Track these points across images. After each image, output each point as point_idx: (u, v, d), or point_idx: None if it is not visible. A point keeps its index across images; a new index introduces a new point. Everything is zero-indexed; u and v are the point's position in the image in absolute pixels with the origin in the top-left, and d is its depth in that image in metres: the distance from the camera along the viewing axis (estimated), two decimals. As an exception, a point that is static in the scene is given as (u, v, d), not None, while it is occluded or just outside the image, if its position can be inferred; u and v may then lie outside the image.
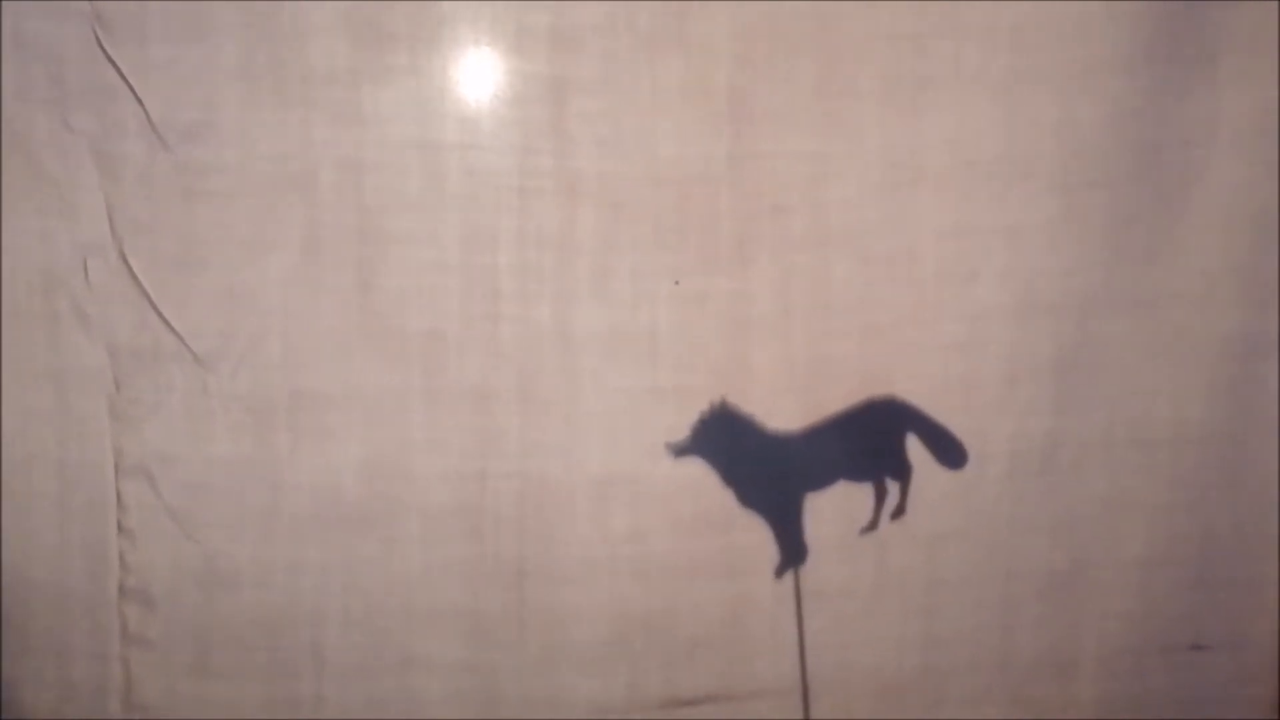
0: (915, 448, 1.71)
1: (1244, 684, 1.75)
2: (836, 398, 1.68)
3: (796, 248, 1.65)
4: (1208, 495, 1.73)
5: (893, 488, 1.71)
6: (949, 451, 1.70)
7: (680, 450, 1.67)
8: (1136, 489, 1.72)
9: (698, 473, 1.68)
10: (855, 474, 1.71)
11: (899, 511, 1.71)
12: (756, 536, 1.70)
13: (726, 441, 1.68)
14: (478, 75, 1.59)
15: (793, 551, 1.71)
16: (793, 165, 1.63)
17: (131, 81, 1.52)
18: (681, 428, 1.66)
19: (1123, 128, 1.63)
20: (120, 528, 1.60)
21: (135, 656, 1.62)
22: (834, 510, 1.71)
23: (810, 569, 1.71)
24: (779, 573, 1.71)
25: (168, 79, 1.52)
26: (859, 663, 1.73)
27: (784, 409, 1.67)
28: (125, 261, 1.56)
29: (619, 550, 1.68)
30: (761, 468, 1.69)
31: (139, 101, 1.52)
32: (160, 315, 1.57)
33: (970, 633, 1.74)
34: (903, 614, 1.73)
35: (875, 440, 1.71)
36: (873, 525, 1.72)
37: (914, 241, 1.66)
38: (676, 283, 1.64)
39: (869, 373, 1.68)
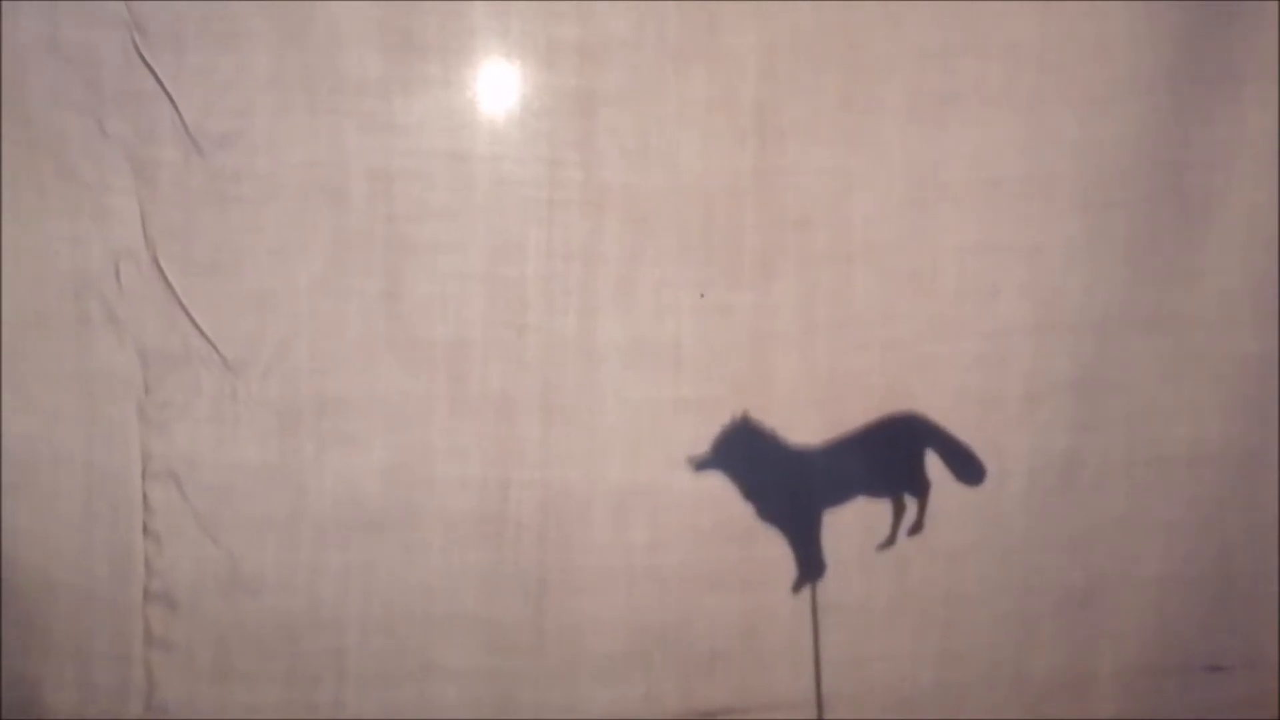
0: (934, 464, 1.71)
1: (1259, 705, 1.75)
2: (858, 411, 1.69)
3: (820, 262, 1.67)
4: (1225, 514, 1.74)
5: (911, 504, 1.72)
6: (967, 468, 1.70)
7: (701, 464, 1.67)
8: (1154, 507, 1.73)
9: (718, 484, 1.69)
10: (874, 490, 1.72)
11: (917, 527, 1.72)
12: (775, 549, 1.71)
13: (747, 456, 1.68)
14: (507, 87, 1.60)
15: (810, 566, 1.71)
16: (817, 180, 1.65)
17: (167, 88, 1.54)
18: (703, 439, 1.67)
19: (1145, 149, 1.65)
20: (146, 530, 1.61)
21: (157, 659, 1.63)
22: (854, 525, 1.72)
23: (829, 583, 1.72)
24: (796, 587, 1.71)
25: (203, 86, 1.54)
26: (876, 677, 1.74)
27: (805, 422, 1.68)
28: (157, 266, 1.57)
29: (638, 560, 1.69)
30: (781, 482, 1.70)
31: (174, 108, 1.54)
32: (191, 319, 1.58)
33: (987, 649, 1.75)
34: (920, 629, 1.74)
35: (894, 456, 1.71)
36: (890, 541, 1.72)
37: (936, 257, 1.67)
38: (701, 295, 1.65)
39: (890, 387, 1.69)
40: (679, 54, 1.61)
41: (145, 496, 1.61)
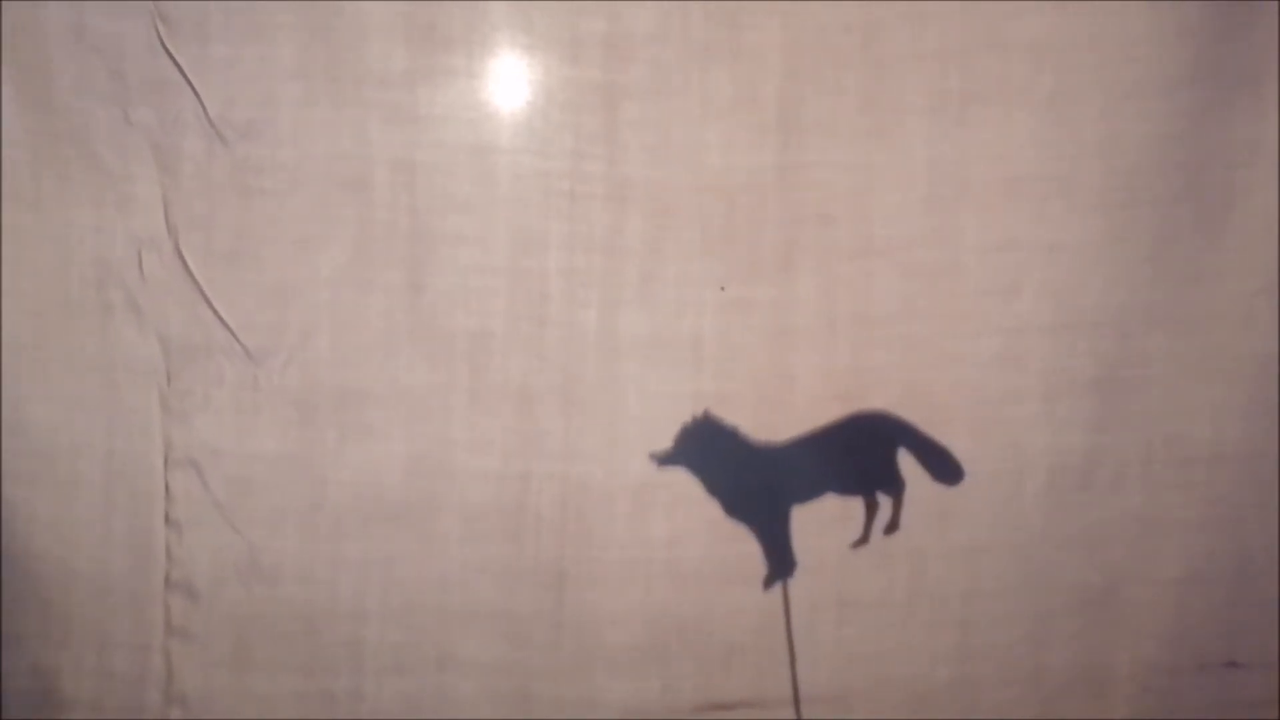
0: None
1: (1277, 703, 1.75)
2: (876, 406, 1.69)
3: (841, 258, 1.67)
4: (1244, 514, 1.73)
5: (884, 502, 1.71)
6: (943, 467, 1.69)
7: (664, 460, 1.67)
8: (1173, 506, 1.73)
9: (735, 479, 1.69)
10: (844, 487, 1.71)
11: (892, 526, 1.71)
12: (794, 544, 1.71)
13: (709, 452, 1.68)
14: (531, 80, 1.61)
15: (780, 563, 1.70)
16: (839, 176, 1.65)
17: (191, 78, 1.54)
18: (723, 433, 1.68)
19: (1166, 148, 1.65)
20: (167, 519, 1.62)
21: (176, 648, 1.64)
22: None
23: (845, 578, 1.72)
24: (767, 584, 1.71)
25: (227, 77, 1.55)
26: (892, 673, 1.74)
27: (824, 417, 1.68)
28: (180, 255, 1.58)
29: (656, 554, 1.70)
30: (746, 479, 1.69)
31: (198, 98, 1.55)
32: (213, 309, 1.59)
33: (1004, 646, 1.74)
34: (937, 625, 1.74)
35: (863, 454, 1.70)
36: (864, 540, 1.71)
37: (956, 255, 1.67)
38: (722, 289, 1.66)
39: (909, 383, 1.69)
40: (703, 50, 1.61)
41: (166, 485, 1.61)
